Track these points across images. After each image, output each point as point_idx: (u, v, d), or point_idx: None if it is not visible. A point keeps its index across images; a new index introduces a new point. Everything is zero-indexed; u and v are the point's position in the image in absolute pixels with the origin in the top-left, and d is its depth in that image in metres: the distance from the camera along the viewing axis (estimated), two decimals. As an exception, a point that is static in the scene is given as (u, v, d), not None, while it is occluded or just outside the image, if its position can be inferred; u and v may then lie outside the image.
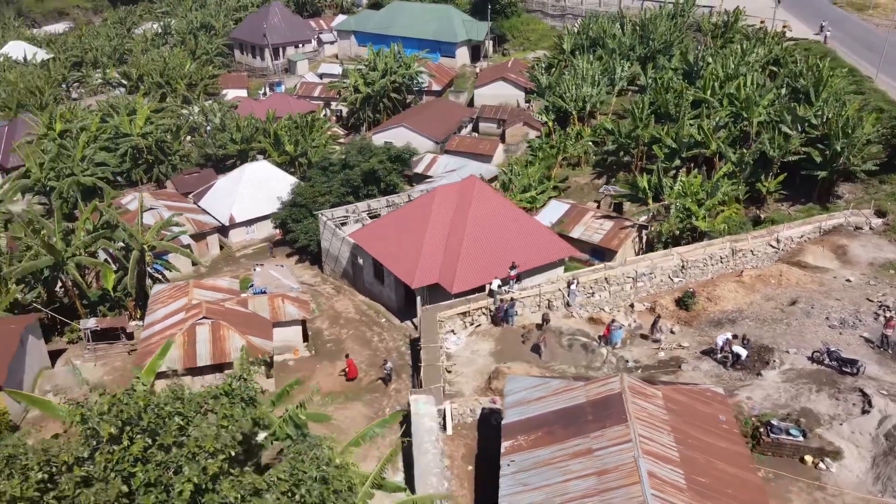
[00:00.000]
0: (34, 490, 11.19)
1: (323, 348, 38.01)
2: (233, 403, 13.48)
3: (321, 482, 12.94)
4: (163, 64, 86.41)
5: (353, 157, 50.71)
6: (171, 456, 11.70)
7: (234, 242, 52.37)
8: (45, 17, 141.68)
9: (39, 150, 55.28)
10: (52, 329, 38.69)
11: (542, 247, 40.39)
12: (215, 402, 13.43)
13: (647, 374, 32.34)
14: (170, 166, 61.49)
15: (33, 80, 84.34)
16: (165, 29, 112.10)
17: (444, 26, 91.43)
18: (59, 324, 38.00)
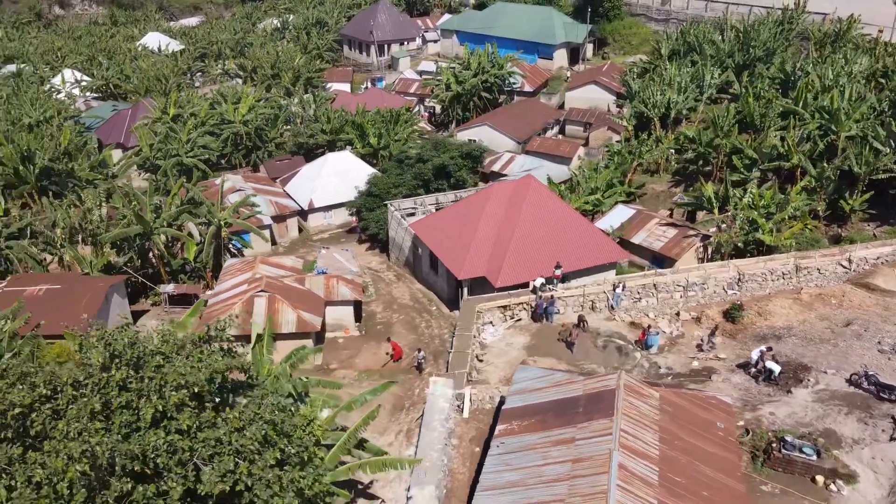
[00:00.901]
0: (37, 402, 13.83)
1: (373, 329, 40.31)
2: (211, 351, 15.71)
3: (271, 424, 14.92)
4: (275, 57, 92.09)
5: (428, 151, 52.84)
6: (144, 385, 14.04)
7: (312, 226, 55.87)
8: (182, 11, 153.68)
9: (152, 131, 61.12)
10: (141, 292, 43.16)
11: (593, 249, 40.87)
12: (193, 347, 15.75)
13: (677, 381, 32.47)
14: (266, 152, 66.07)
15: (162, 69, 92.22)
16: (284, 24, 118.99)
17: (543, 28, 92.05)
18: (146, 287, 42.42)
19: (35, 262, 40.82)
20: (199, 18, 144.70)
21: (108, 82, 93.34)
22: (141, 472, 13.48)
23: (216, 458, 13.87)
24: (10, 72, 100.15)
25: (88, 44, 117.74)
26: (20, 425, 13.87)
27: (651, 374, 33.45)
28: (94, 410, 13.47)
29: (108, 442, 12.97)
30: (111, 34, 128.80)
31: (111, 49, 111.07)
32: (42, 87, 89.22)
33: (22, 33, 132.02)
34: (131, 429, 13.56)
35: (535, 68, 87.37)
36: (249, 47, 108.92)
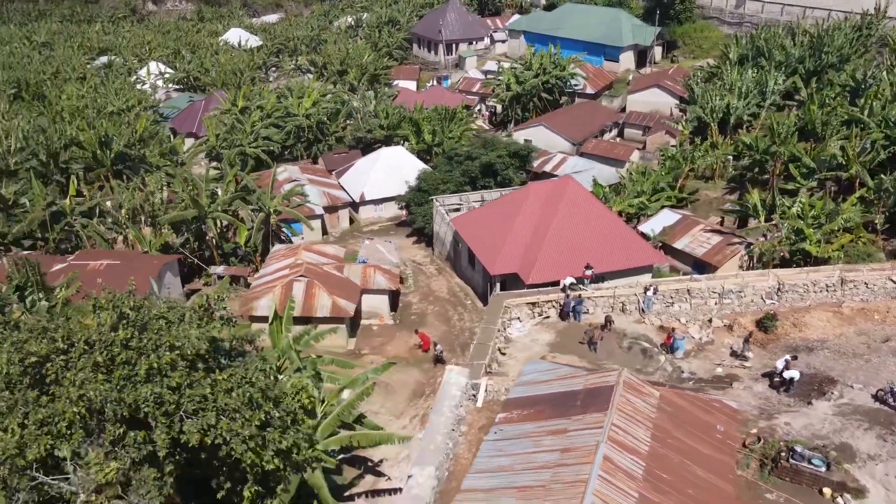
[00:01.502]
0: (52, 353, 15.69)
1: (407, 319, 41.65)
2: (210, 320, 17.30)
3: (257, 388, 16.35)
4: (345, 53, 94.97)
5: (476, 149, 53.81)
6: (143, 345, 15.71)
7: (363, 218, 57.76)
8: (264, 8, 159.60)
9: (220, 122, 64.46)
10: (196, 272, 45.89)
11: (628, 251, 40.96)
12: (193, 315, 17.37)
13: (698, 386, 32.42)
14: (326, 145, 68.52)
15: (237, 63, 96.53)
16: (357, 22, 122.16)
17: (611, 30, 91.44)
18: (200, 268, 45.12)
19: (102, 240, 44.14)
20: (279, 15, 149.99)
21: (188, 75, 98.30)
22: (133, 420, 15.17)
23: (200, 413, 15.42)
24: (102, 63, 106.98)
25: (175, 38, 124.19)
26: (37, 373, 15.79)
27: (673, 377, 33.44)
28: (97, 363, 15.24)
29: (102, 390, 14.70)
30: (197, 29, 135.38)
31: (195, 43, 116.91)
32: (129, 78, 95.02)
33: (116, 27, 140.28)
34: (129, 382, 15.22)
35: (599, 70, 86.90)
36: (323, 44, 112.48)
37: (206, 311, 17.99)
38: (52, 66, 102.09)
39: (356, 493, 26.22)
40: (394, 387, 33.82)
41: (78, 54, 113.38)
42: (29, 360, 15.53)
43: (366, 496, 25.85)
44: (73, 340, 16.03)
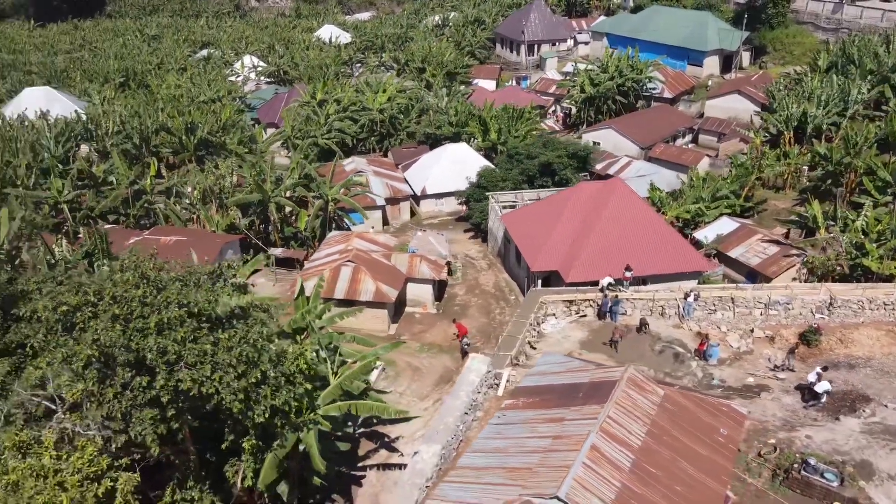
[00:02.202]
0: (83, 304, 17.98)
1: (450, 309, 42.91)
2: (223, 286, 19.20)
3: (255, 348, 18.07)
4: (427, 51, 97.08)
5: (536, 149, 54.43)
6: (157, 301, 17.73)
7: (424, 211, 59.42)
8: (358, 5, 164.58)
9: (297, 113, 67.75)
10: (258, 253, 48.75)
11: (673, 257, 40.72)
12: (207, 279, 19.29)
13: (726, 394, 32.15)
14: (398, 140, 70.68)
15: (324, 59, 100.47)
16: (444, 21, 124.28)
17: (695, 33, 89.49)
18: (261, 249, 48.00)
19: (177, 218, 47.71)
20: (371, 13, 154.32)
21: (279, 68, 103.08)
22: (143, 368, 17.19)
23: (198, 365, 17.26)
24: (202, 56, 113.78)
25: (271, 33, 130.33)
26: (69, 320, 18.08)
27: (703, 383, 33.26)
28: (115, 315, 17.35)
29: (113, 336, 16.77)
30: (293, 25, 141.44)
31: (289, 39, 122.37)
32: (224, 71, 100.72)
33: (220, 22, 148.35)
34: (141, 333, 17.24)
35: (679, 74, 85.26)
36: (409, 42, 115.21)
37: (219, 277, 19.92)
38: (157, 57, 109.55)
39: (369, 464, 27.76)
40: (423, 371, 35.21)
41: (182, 47, 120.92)
42: (61, 308, 17.86)
43: (377, 468, 27.34)
44: (102, 295, 18.24)
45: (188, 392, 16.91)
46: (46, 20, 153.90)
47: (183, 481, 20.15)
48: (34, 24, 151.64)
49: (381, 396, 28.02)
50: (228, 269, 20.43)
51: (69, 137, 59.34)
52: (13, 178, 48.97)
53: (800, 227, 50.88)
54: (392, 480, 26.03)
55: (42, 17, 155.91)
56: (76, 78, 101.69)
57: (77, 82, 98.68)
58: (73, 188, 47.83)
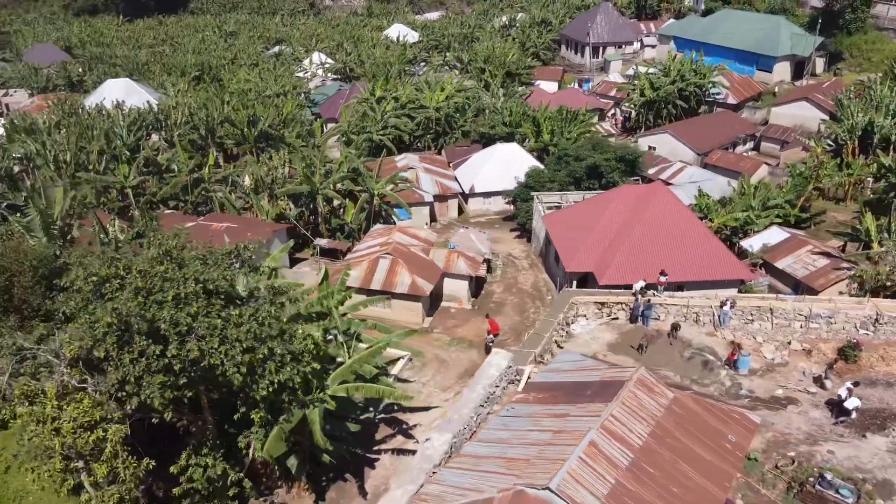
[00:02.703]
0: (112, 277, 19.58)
1: (485, 306, 43.50)
2: (238, 265, 20.48)
3: (261, 325, 19.24)
4: (490, 52, 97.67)
5: (585, 151, 54.35)
6: (176, 276, 19.13)
7: (471, 210, 60.14)
8: (429, 5, 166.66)
9: (355, 110, 69.56)
10: (306, 243, 50.58)
11: (711, 264, 40.15)
12: (225, 258, 20.60)
13: (752, 404, 31.68)
14: (453, 138, 71.63)
15: (389, 57, 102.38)
16: (511, 22, 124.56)
17: (766, 38, 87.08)
18: (308, 238, 49.79)
19: (231, 206, 49.99)
20: (441, 13, 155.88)
21: (345, 66, 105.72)
22: (155, 337, 18.58)
23: (207, 338, 18.51)
24: (274, 52, 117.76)
25: (341, 31, 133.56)
26: (98, 290, 19.68)
27: (730, 392, 32.83)
28: (138, 287, 18.81)
29: (131, 306, 18.21)
30: (363, 24, 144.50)
31: (359, 37, 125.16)
32: (292, 66, 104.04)
33: (294, 20, 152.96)
34: (158, 305, 18.65)
35: (746, 80, 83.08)
36: (475, 42, 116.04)
37: (236, 257, 21.22)
38: (231, 52, 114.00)
39: (384, 448, 28.72)
40: (449, 364, 35.96)
41: (257, 43, 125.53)
42: (92, 279, 19.47)
43: (391, 453, 28.27)
44: (130, 269, 19.79)
45: (198, 362, 18.21)
46: (134, 16, 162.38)
47: (199, 448, 21.57)
48: (123, 19, 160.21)
49: (401, 384, 28.90)
50: (245, 251, 21.74)
51: (140, 127, 62.75)
52: (86, 162, 52.29)
53: (857, 241, 49.12)
54: (404, 465, 26.87)
55: (130, 12, 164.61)
56: (156, 71, 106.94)
57: (156, 75, 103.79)
58: (139, 174, 50.71)
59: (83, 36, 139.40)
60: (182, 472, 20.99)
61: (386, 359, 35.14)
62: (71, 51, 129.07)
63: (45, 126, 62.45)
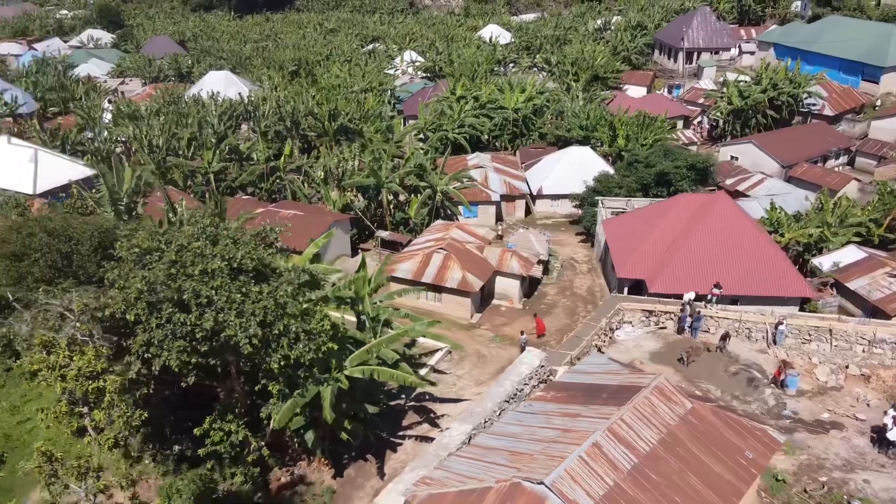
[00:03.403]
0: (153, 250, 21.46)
1: (536, 307, 43.69)
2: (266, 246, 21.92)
3: (276, 303, 20.56)
4: (578, 54, 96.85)
5: (655, 157, 53.38)
6: (207, 252, 20.76)
7: (538, 211, 60.17)
8: (526, 6, 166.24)
9: (434, 108, 70.90)
10: (372, 234, 52.28)
11: (771, 279, 38.78)
12: (252, 238, 22.09)
13: (793, 425, 30.61)
14: (529, 140, 71.78)
15: (478, 57, 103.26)
16: (605, 25, 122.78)
17: (875, 47, 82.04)
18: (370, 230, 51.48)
19: (302, 195, 52.37)
20: (537, 14, 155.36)
21: (435, 64, 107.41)
22: (182, 306, 20.24)
23: (226, 310, 20.00)
24: (368, 49, 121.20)
25: (436, 31, 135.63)
26: (140, 260, 21.58)
27: (772, 412, 31.82)
28: (172, 260, 20.55)
29: (159, 275, 19.95)
30: (459, 24, 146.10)
31: (452, 36, 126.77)
32: (383, 64, 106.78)
33: (391, 19, 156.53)
34: (187, 277, 20.31)
35: (848, 91, 78.65)
36: (567, 44, 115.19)
37: (262, 239, 22.67)
38: (328, 49, 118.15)
39: (409, 434, 29.64)
40: (488, 359, 36.49)
41: (354, 40, 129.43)
42: (134, 249, 21.42)
43: (415, 439, 29.15)
44: (170, 242, 21.64)
45: (217, 332, 19.78)
46: (244, 12, 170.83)
47: (224, 414, 23.22)
48: (234, 15, 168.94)
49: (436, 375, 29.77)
50: (271, 233, 23.17)
51: (231, 116, 66.47)
52: (176, 148, 56.08)
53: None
54: (423, 451, 27.68)
55: (241, 9, 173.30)
56: (257, 65, 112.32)
57: (257, 69, 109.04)
58: (221, 161, 53.92)
59: (196, 30, 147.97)
60: (205, 435, 22.72)
61: (424, 349, 36.39)
62: (184, 44, 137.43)
63: (146, 113, 67.25)
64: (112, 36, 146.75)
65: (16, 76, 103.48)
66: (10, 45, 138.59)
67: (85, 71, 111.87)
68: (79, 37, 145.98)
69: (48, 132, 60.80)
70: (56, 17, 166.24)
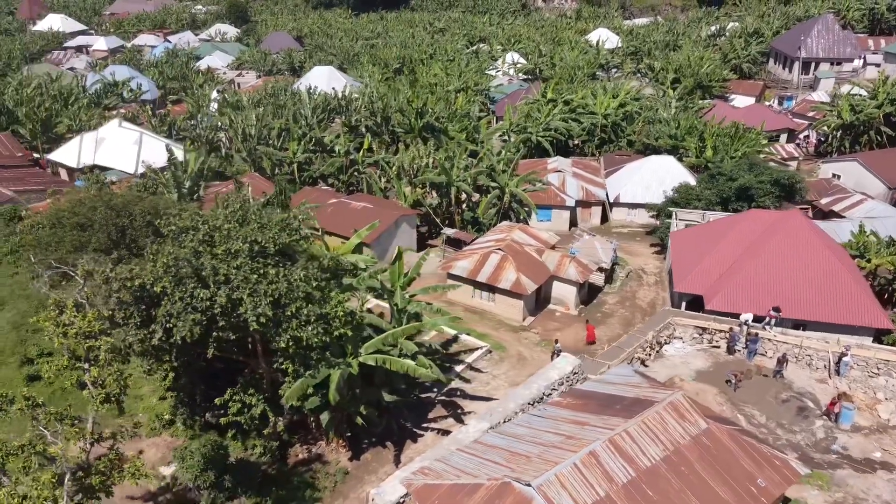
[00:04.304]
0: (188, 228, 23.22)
1: (592, 314, 43.00)
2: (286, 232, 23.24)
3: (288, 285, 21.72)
4: (684, 61, 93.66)
5: (739, 171, 51.13)
6: (234, 233, 22.23)
7: (615, 219, 58.94)
8: (641, 11, 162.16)
9: (521, 110, 70.91)
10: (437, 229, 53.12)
11: (845, 306, 36.37)
12: (277, 224, 23.39)
13: (839, 461, 28.82)
14: (616, 146, 70.42)
15: (580, 61, 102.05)
16: (719, 31, 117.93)
17: None
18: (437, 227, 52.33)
19: (378, 188, 54.04)
20: (650, 19, 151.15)
21: (536, 67, 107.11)
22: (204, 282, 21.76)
23: (241, 288, 21.33)
24: (472, 50, 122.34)
25: (543, 33, 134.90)
26: (178, 236, 23.35)
27: (819, 445, 30.08)
28: (201, 239, 22.18)
29: (183, 252, 21.54)
30: (569, 27, 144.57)
31: (559, 39, 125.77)
32: (483, 64, 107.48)
33: (501, 20, 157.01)
34: (211, 255, 21.84)
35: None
36: (675, 50, 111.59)
37: (287, 225, 23.92)
38: (433, 48, 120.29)
39: (433, 427, 30.18)
40: (528, 362, 36.39)
41: (460, 40, 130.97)
42: (171, 227, 23.30)
43: (437, 432, 29.66)
44: (207, 223, 23.36)
45: (228, 309, 21.23)
46: (362, 10, 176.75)
47: (246, 388, 24.73)
48: (351, 13, 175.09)
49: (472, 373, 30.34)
50: (296, 219, 24.39)
51: (324, 110, 69.34)
52: (267, 137, 59.28)
53: None
54: (438, 444, 28.20)
55: (359, 7, 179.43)
56: (364, 61, 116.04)
57: (364, 65, 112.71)
58: (305, 152, 56.52)
59: (314, 27, 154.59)
60: (225, 406, 24.30)
61: (465, 347, 36.86)
62: (301, 40, 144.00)
63: (248, 103, 71.35)
64: (237, 30, 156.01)
65: (147, 66, 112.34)
66: (148, 37, 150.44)
67: (207, 62, 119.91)
68: (208, 30, 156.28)
69: (158, 118, 65.83)
70: (191, 11, 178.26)
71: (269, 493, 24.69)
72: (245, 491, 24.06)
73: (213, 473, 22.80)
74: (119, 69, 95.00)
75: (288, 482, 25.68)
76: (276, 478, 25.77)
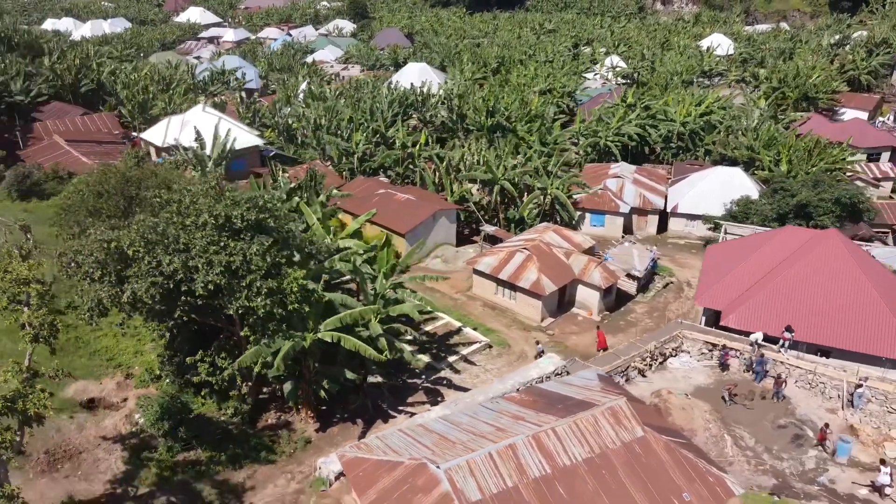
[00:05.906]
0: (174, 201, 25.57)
1: (615, 322, 42.37)
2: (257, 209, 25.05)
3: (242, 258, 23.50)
4: (791, 71, 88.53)
5: (801, 187, 48.35)
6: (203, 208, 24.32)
7: (672, 230, 57.06)
8: (766, 16, 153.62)
9: (594, 113, 69.93)
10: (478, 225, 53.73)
11: (875, 334, 33.90)
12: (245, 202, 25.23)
13: (819, 492, 27.31)
14: (693, 155, 68.00)
15: (679, 66, 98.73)
16: (842, 40, 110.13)
17: None
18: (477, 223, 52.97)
19: (430, 182, 55.36)
20: (771, 25, 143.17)
21: (635, 70, 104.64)
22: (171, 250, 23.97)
23: (197, 258, 23.37)
24: (576, 52, 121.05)
25: (653, 37, 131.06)
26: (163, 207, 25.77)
27: (805, 476, 28.56)
28: (175, 211, 24.44)
29: (151, 224, 23.83)
30: (684, 30, 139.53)
31: (667, 43, 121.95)
32: (580, 67, 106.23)
33: (613, 22, 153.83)
34: (181, 228, 24.03)
35: None
36: (790, 59, 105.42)
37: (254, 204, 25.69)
38: (533, 49, 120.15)
39: (409, 410, 31.17)
40: (527, 361, 36.44)
41: (567, 42, 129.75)
42: (156, 199, 25.85)
43: (408, 415, 30.62)
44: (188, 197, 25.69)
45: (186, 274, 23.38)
46: (476, 9, 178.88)
47: (219, 350, 26.86)
48: (465, 11, 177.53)
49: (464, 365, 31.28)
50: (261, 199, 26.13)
51: (400, 104, 71.53)
52: (336, 128, 62.18)
53: None
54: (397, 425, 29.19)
55: (474, 6, 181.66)
56: (464, 60, 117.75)
57: (463, 63, 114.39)
58: (367, 143, 58.83)
59: (426, 24, 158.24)
60: (194, 366, 26.57)
61: (466, 340, 37.58)
62: (412, 37, 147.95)
63: (331, 95, 74.85)
64: (353, 26, 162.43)
65: (260, 57, 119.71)
66: (272, 31, 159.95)
67: (320, 56, 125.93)
68: (327, 26, 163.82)
69: (245, 105, 70.53)
70: (316, 7, 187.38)
71: (226, 448, 26.74)
72: (201, 444, 26.21)
73: (169, 423, 25.10)
74: (230, 59, 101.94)
75: (247, 442, 27.63)
76: (236, 436, 27.81)
